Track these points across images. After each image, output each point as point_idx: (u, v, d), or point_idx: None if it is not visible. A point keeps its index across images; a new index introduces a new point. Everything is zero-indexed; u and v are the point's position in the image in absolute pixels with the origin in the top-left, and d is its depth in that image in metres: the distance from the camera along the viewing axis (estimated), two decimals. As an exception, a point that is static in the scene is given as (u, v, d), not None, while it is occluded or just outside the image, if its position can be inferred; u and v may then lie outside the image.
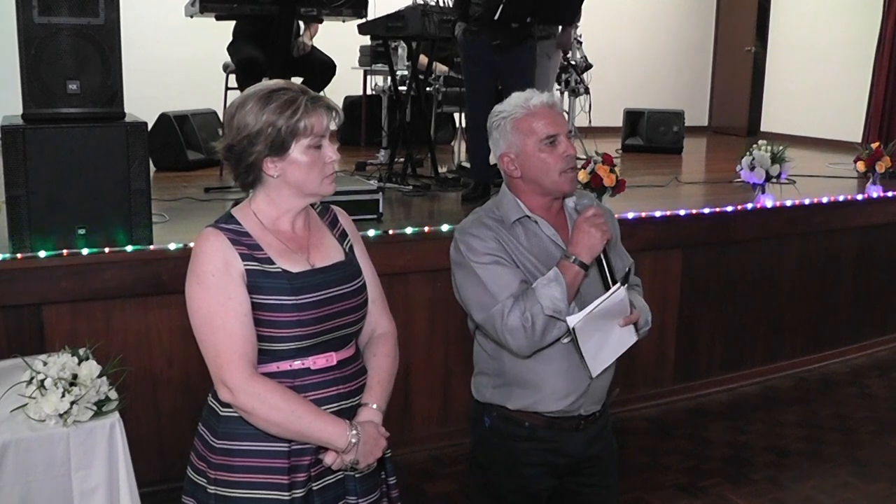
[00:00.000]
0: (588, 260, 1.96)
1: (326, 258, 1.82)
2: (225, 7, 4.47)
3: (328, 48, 5.16)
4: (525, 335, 1.93)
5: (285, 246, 1.77)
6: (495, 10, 4.31)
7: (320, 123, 1.72)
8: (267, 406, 1.67)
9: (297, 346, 1.74)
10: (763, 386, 4.72)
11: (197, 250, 1.73)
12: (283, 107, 1.69)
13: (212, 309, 1.68)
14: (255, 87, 1.77)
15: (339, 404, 1.78)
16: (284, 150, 1.70)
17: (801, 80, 8.83)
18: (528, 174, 2.04)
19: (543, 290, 1.93)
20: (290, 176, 1.73)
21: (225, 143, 1.75)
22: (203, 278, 1.69)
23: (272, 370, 1.73)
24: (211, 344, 1.69)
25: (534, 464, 2.11)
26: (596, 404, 2.14)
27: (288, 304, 1.71)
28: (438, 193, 5.01)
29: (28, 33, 3.09)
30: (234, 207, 1.82)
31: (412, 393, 3.84)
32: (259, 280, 1.71)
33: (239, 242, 1.72)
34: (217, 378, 1.69)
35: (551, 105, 2.05)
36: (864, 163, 5.20)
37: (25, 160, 3.10)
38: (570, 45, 5.45)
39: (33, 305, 3.13)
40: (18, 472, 2.22)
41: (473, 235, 2.03)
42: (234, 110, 1.74)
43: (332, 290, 1.78)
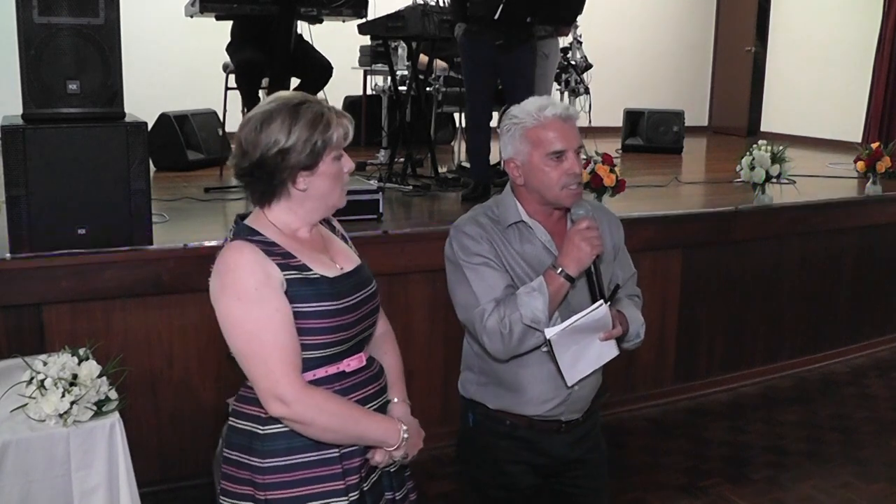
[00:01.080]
0: (575, 273, 1.94)
1: (349, 262, 1.85)
2: (225, 7, 4.47)
3: (328, 48, 5.15)
4: (502, 340, 1.95)
5: (311, 252, 1.76)
6: (495, 10, 4.31)
7: (346, 132, 1.74)
8: (326, 414, 1.67)
9: (334, 352, 1.74)
10: (763, 386, 4.72)
11: (231, 265, 1.67)
12: (315, 121, 1.69)
13: (260, 323, 1.63)
14: (273, 101, 1.73)
15: (376, 402, 1.82)
16: (316, 163, 1.70)
17: (801, 80, 8.83)
18: (530, 183, 2.03)
19: (525, 299, 1.93)
20: (317, 188, 1.72)
21: (252, 161, 1.69)
22: (245, 293, 1.64)
23: (309, 378, 1.71)
24: (261, 360, 1.64)
25: (514, 461, 2.13)
26: (577, 412, 2.15)
27: (332, 309, 1.71)
28: (438, 193, 5.01)
29: (28, 33, 3.09)
30: (248, 219, 1.77)
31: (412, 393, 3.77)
32: (300, 288, 1.68)
33: (271, 252, 1.69)
34: (269, 393, 1.64)
35: (565, 118, 2.00)
36: (864, 163, 5.20)
37: (25, 160, 3.10)
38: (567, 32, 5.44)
39: (33, 305, 3.13)
40: (18, 472, 2.22)
41: (467, 235, 2.04)
42: (259, 125, 1.69)
43: (361, 292, 1.81)
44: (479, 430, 2.17)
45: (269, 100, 1.74)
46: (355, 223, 3.80)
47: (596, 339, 2.00)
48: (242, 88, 5.02)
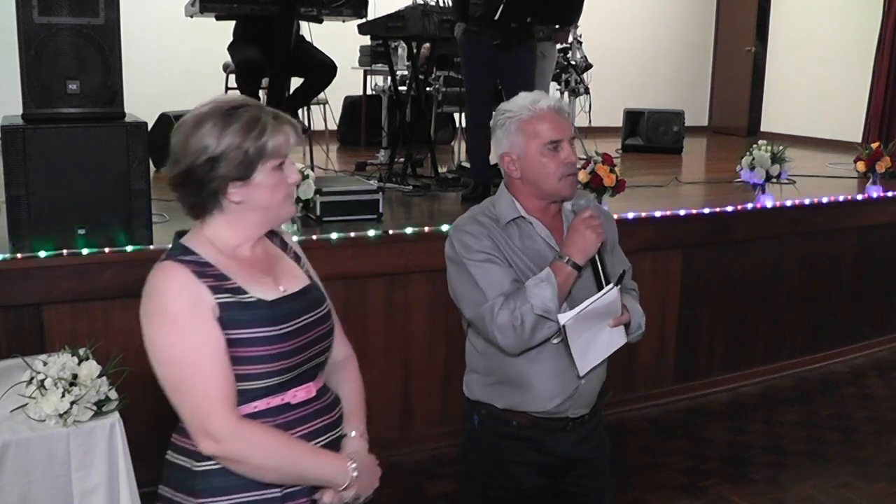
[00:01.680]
0: (581, 261, 1.97)
1: (294, 283, 1.69)
2: (225, 7, 4.47)
3: (328, 48, 5.15)
4: (514, 334, 1.94)
5: (252, 273, 1.62)
6: (496, 10, 4.31)
7: (286, 142, 1.58)
8: (261, 451, 1.52)
9: (276, 382, 1.59)
10: (763, 386, 4.72)
11: (157, 288, 1.54)
12: (247, 126, 1.54)
13: (186, 354, 1.50)
14: (207, 104, 1.59)
15: (326, 437, 1.66)
16: (249, 173, 1.55)
17: (801, 80, 8.82)
18: (527, 176, 2.05)
19: (534, 290, 1.94)
20: (255, 200, 1.58)
21: (181, 169, 1.56)
22: (171, 320, 1.51)
23: (249, 411, 1.56)
24: (188, 393, 1.51)
25: (521, 462, 2.12)
26: (584, 408, 2.14)
27: (269, 336, 1.56)
28: (438, 193, 5.01)
29: (28, 33, 3.09)
30: (186, 236, 1.63)
31: (412, 393, 3.84)
32: (235, 313, 1.54)
33: (204, 274, 1.54)
34: (198, 429, 1.51)
35: (558, 110, 2.05)
36: (864, 163, 5.20)
37: (25, 160, 3.10)
38: (566, 39, 5.44)
39: (33, 305, 3.13)
40: (18, 472, 2.22)
41: (468, 233, 2.04)
42: (189, 131, 1.55)
43: (306, 316, 1.65)
44: (485, 431, 2.15)
45: (204, 102, 1.61)
46: (355, 223, 3.80)
47: (606, 327, 2.02)
48: (242, 88, 5.02)
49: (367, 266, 3.66)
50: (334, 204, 3.89)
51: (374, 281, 3.68)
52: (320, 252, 3.55)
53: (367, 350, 3.71)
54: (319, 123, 6.33)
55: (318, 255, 3.52)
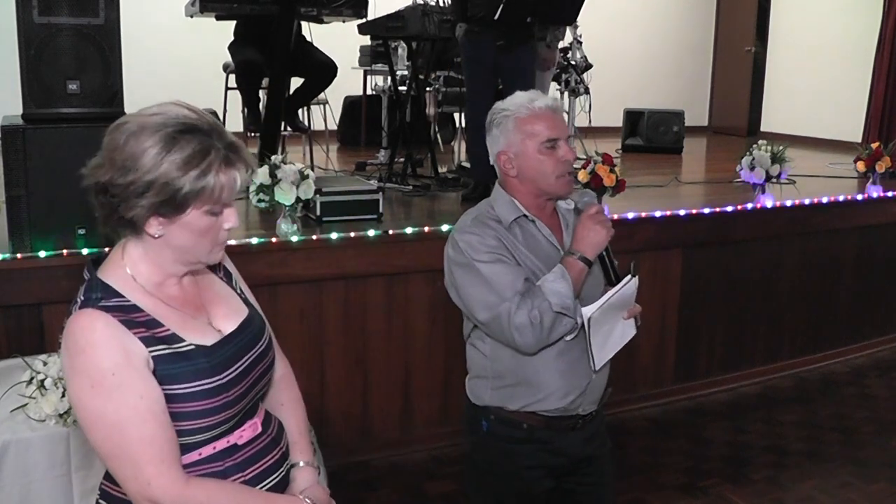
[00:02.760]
0: (592, 256, 1.99)
1: (230, 318, 1.52)
2: (225, 7, 4.47)
3: (328, 48, 5.16)
4: (533, 332, 1.93)
5: (183, 314, 1.44)
6: (496, 10, 4.31)
7: (231, 186, 1.38)
8: None
9: (219, 431, 1.45)
10: (763, 386, 4.71)
11: (80, 343, 1.34)
12: (189, 159, 1.32)
13: (121, 416, 1.32)
14: (158, 113, 1.37)
15: (276, 475, 1.54)
16: (178, 212, 1.35)
17: (801, 80, 8.82)
18: (524, 174, 2.06)
19: (551, 287, 1.94)
20: (175, 240, 1.39)
21: (101, 178, 1.35)
22: (100, 379, 1.32)
23: (195, 458, 1.43)
24: (127, 459, 1.34)
25: (533, 466, 2.11)
26: (593, 403, 2.15)
27: (210, 388, 1.40)
28: (438, 193, 5.01)
29: (28, 33, 3.09)
30: (101, 269, 1.43)
31: (412, 393, 3.84)
32: (171, 366, 1.38)
33: (132, 323, 1.36)
34: (141, 497, 1.35)
35: (554, 109, 2.07)
36: (864, 163, 5.20)
37: (25, 160, 3.10)
38: (552, 62, 5.46)
39: (33, 305, 3.13)
40: (18, 472, 2.22)
41: (473, 234, 2.03)
42: (124, 139, 1.33)
43: (249, 355, 1.50)
44: (495, 436, 2.12)
45: (158, 106, 1.39)
46: (355, 223, 3.80)
47: (620, 319, 2.05)
48: (242, 88, 5.02)
49: (367, 266, 3.66)
50: (334, 204, 3.89)
51: (374, 281, 3.68)
52: (320, 252, 3.55)
53: (367, 350, 3.72)
54: (319, 123, 6.33)
55: (318, 255, 3.56)
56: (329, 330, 3.61)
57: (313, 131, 5.73)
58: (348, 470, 3.54)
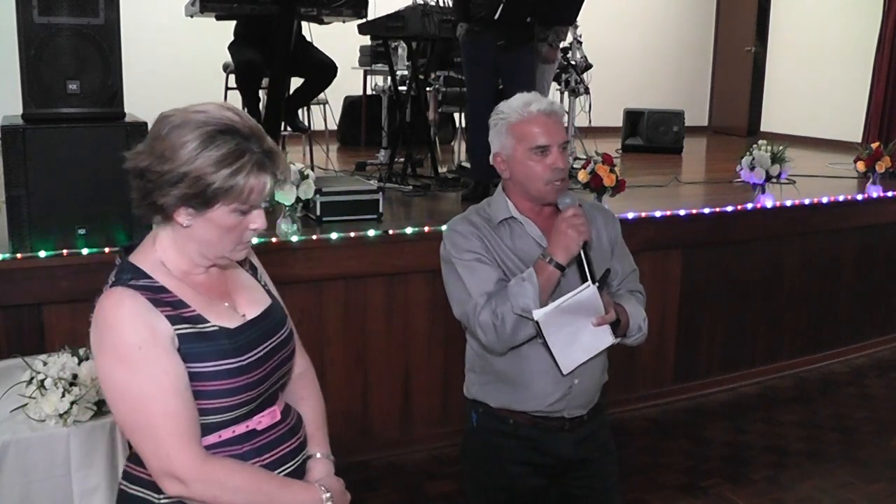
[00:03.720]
0: (564, 260, 1.96)
1: (254, 305, 1.58)
2: (225, 7, 4.47)
3: (328, 48, 5.15)
4: (495, 333, 1.96)
5: (209, 298, 1.50)
6: (496, 10, 4.31)
7: (260, 189, 1.43)
8: (230, 491, 1.42)
9: (241, 412, 1.50)
10: (763, 386, 4.71)
11: (109, 319, 1.40)
12: (225, 158, 1.38)
13: (145, 390, 1.38)
14: (200, 111, 1.43)
15: (293, 462, 1.58)
16: (207, 207, 1.41)
17: (801, 80, 8.82)
18: (515, 178, 2.07)
19: (515, 290, 1.95)
20: (200, 233, 1.45)
21: (141, 163, 1.41)
22: (126, 354, 1.38)
23: (214, 440, 1.48)
24: (150, 432, 1.39)
25: (518, 461, 2.12)
26: (580, 409, 2.13)
27: (232, 368, 1.46)
28: (438, 193, 5.01)
29: (28, 33, 3.09)
30: (133, 254, 1.51)
31: (412, 393, 3.84)
32: (195, 345, 1.43)
33: (160, 302, 1.42)
34: (161, 471, 1.40)
35: (549, 113, 2.03)
36: (864, 163, 5.20)
37: (25, 160, 3.10)
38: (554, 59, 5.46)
39: (33, 305, 3.13)
40: (18, 472, 2.22)
41: (458, 233, 2.07)
42: (168, 131, 1.40)
43: (270, 341, 1.56)
44: (482, 429, 2.16)
45: (204, 105, 1.45)
46: (355, 223, 3.80)
47: (589, 325, 2.00)
48: (243, 88, 5.02)
49: (367, 266, 3.66)
50: (334, 204, 3.89)
51: (374, 281, 3.68)
52: (320, 252, 3.55)
53: (367, 350, 3.72)
54: (319, 123, 6.33)
55: (318, 255, 3.56)
56: (329, 330, 3.61)
57: (313, 131, 5.73)
58: (348, 470, 3.50)
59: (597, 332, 2.02)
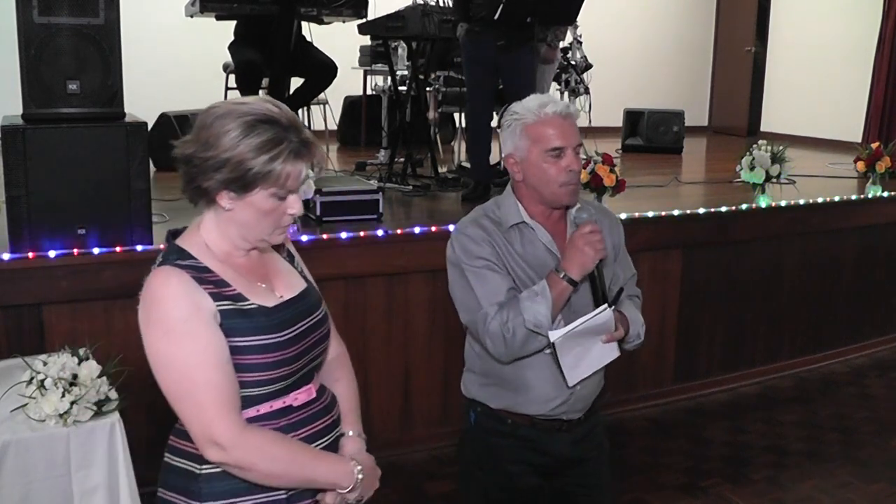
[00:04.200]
0: (578, 277, 1.96)
1: (291, 288, 1.67)
2: (225, 7, 4.47)
3: (328, 48, 5.15)
4: (504, 344, 1.95)
5: (247, 279, 1.59)
6: (496, 10, 4.32)
7: (296, 175, 1.52)
8: (268, 458, 1.51)
9: (276, 388, 1.58)
10: (763, 386, 4.72)
11: (157, 295, 1.50)
12: (264, 145, 1.48)
13: (189, 361, 1.47)
14: (243, 103, 1.53)
15: (326, 438, 1.66)
16: (247, 191, 1.50)
17: (801, 80, 8.83)
18: (528, 180, 2.05)
19: (528, 304, 1.94)
20: (241, 216, 1.54)
21: (188, 151, 1.52)
22: (171, 327, 1.48)
23: (252, 415, 1.56)
24: (193, 401, 1.49)
25: (515, 461, 2.12)
26: (579, 411, 2.14)
27: (270, 344, 1.55)
28: (438, 193, 5.01)
29: (28, 33, 3.09)
30: (180, 237, 1.61)
31: (412, 393, 3.84)
32: (235, 320, 1.52)
33: (203, 280, 1.52)
34: (204, 438, 1.49)
35: (565, 116, 2.01)
36: (864, 163, 5.21)
37: (25, 160, 3.10)
38: (553, 59, 5.46)
39: (33, 305, 3.13)
40: (18, 473, 2.22)
41: (469, 238, 2.04)
42: (212, 120, 1.50)
43: (305, 321, 1.64)
44: (481, 429, 2.16)
45: (251, 100, 1.55)
46: (355, 223, 3.80)
47: (598, 341, 2.01)
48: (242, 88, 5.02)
49: (367, 266, 3.66)
50: (334, 204, 3.89)
51: (374, 281, 3.68)
52: (320, 252, 3.55)
53: (367, 350, 3.72)
54: (319, 123, 6.33)
55: (319, 255, 3.55)
56: (329, 330, 3.61)
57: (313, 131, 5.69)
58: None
59: (604, 348, 2.03)
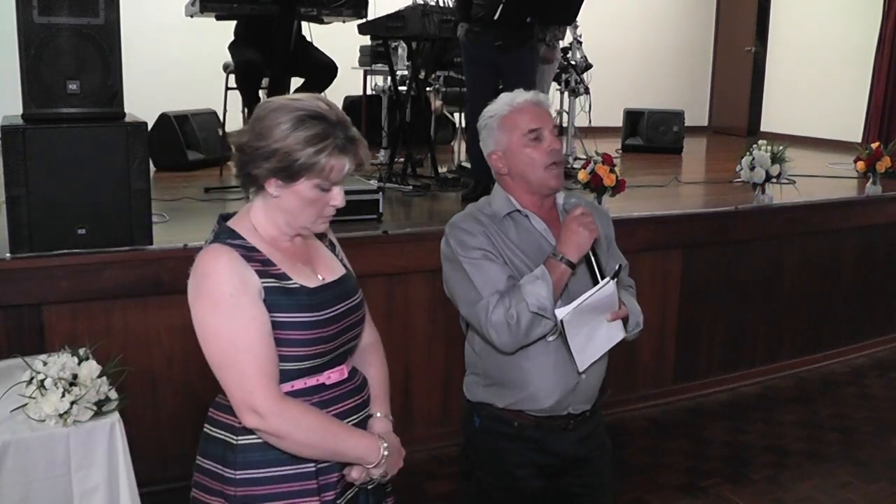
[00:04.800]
0: (575, 258, 1.98)
1: (331, 272, 1.78)
2: (225, 7, 4.47)
3: (328, 48, 5.15)
4: (509, 331, 1.95)
5: (291, 261, 1.70)
6: (495, 10, 4.32)
7: (340, 169, 1.63)
8: (302, 428, 1.61)
9: (313, 364, 1.68)
10: (763, 386, 4.72)
11: (207, 270, 1.61)
12: (311, 139, 1.59)
13: (235, 332, 1.58)
14: (296, 99, 1.65)
15: (356, 417, 1.75)
16: (292, 180, 1.61)
17: (801, 80, 8.83)
18: (514, 170, 2.08)
19: (529, 288, 1.94)
20: (287, 203, 1.65)
21: (242, 140, 1.64)
22: (220, 300, 1.58)
23: (287, 389, 1.66)
24: (236, 369, 1.59)
25: (522, 464, 2.12)
26: (585, 403, 2.13)
27: (310, 321, 1.65)
28: (438, 193, 5.01)
29: (28, 33, 3.09)
30: (231, 220, 1.71)
31: (412, 393, 3.84)
32: (278, 297, 1.63)
33: (251, 259, 1.63)
34: (244, 404, 1.59)
35: (536, 102, 2.08)
36: (864, 163, 5.21)
37: (25, 160, 3.10)
38: (553, 59, 5.46)
39: (33, 305, 3.13)
40: (18, 473, 2.22)
41: (463, 230, 2.05)
42: (266, 113, 1.62)
43: (343, 304, 1.74)
44: (486, 432, 2.15)
45: (304, 97, 1.66)
46: (355, 223, 3.80)
47: (604, 321, 2.02)
48: (242, 88, 5.02)
49: (367, 266, 3.65)
50: (334, 204, 3.89)
51: (374, 281, 3.68)
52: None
53: (367, 350, 3.71)
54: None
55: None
56: (329, 330, 3.61)
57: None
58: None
59: (610, 328, 2.05)
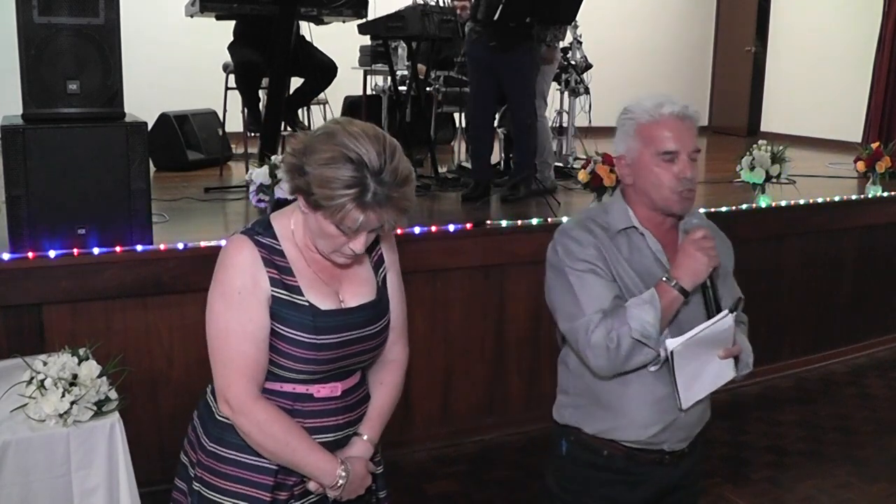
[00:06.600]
0: (689, 286, 1.81)
1: (357, 296, 1.73)
2: (225, 7, 4.47)
3: (328, 48, 5.16)
4: (607, 356, 1.79)
5: (317, 277, 1.68)
6: (495, 11, 4.32)
7: (353, 220, 1.54)
8: (263, 434, 1.63)
9: (303, 378, 1.69)
10: (763, 386, 4.71)
11: (227, 261, 1.64)
12: (335, 182, 1.51)
13: (230, 325, 1.62)
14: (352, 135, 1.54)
15: (335, 434, 1.73)
16: (313, 209, 1.58)
17: (801, 80, 8.83)
18: (639, 184, 1.90)
19: (635, 312, 1.78)
20: (311, 223, 1.62)
21: (294, 146, 1.61)
22: (228, 292, 1.62)
23: (275, 388, 1.68)
24: (221, 358, 1.64)
25: (609, 497, 1.96)
26: (682, 442, 1.96)
27: (306, 342, 1.65)
28: (438, 193, 5.01)
29: (28, 33, 3.09)
30: (278, 212, 1.71)
31: (412, 393, 3.84)
32: (283, 309, 1.64)
33: (271, 263, 1.64)
34: (220, 392, 1.65)
35: (682, 117, 1.87)
36: (864, 163, 5.20)
37: (25, 160, 3.10)
38: (552, 59, 5.47)
39: (33, 305, 3.13)
40: (18, 472, 2.22)
41: (573, 239, 1.89)
42: (322, 132, 1.58)
43: (355, 332, 1.71)
44: (573, 459, 1.99)
45: (364, 131, 1.57)
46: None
47: (714, 358, 1.85)
48: (242, 88, 5.03)
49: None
50: (334, 204, 3.88)
51: (374, 281, 3.68)
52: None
53: (367, 350, 3.71)
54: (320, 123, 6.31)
55: (318, 255, 3.56)
56: (329, 330, 3.61)
57: (313, 131, 5.72)
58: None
59: (721, 366, 1.88)
